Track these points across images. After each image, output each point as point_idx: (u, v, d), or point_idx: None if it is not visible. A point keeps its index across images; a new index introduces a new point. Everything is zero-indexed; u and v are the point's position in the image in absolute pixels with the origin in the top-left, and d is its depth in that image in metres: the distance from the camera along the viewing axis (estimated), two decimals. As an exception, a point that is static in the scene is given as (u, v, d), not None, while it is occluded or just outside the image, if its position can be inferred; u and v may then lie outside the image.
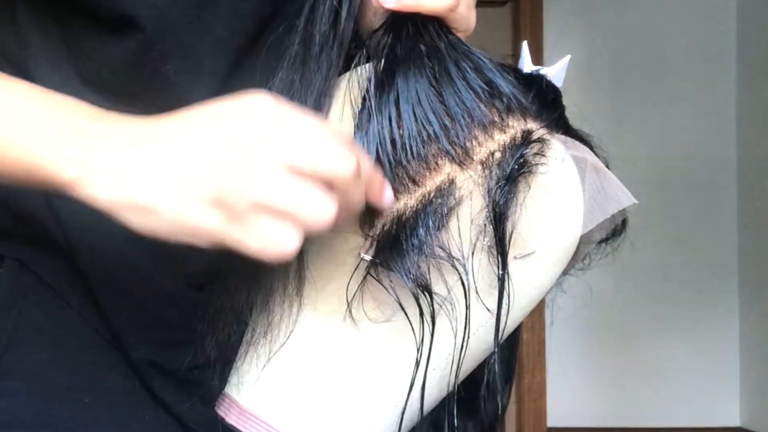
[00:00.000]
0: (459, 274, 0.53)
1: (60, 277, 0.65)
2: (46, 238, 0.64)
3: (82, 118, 0.49)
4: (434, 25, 0.56)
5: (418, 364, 0.54)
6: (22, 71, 0.62)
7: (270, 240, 0.47)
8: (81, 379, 0.64)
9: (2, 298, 0.64)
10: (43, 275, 0.65)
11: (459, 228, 0.53)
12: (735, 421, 2.91)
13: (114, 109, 0.50)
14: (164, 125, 0.48)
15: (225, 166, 0.46)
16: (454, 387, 0.56)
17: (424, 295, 0.52)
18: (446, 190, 0.53)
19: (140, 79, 0.62)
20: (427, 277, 0.52)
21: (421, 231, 0.52)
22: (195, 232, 0.47)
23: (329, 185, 0.47)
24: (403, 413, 0.55)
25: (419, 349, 0.54)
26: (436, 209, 0.53)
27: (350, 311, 0.54)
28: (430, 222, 0.53)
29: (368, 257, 0.53)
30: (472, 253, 0.53)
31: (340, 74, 0.59)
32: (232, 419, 0.56)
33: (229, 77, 0.64)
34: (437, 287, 0.53)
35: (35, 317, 0.64)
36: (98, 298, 0.64)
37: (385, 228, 0.53)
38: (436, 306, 0.53)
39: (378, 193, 0.51)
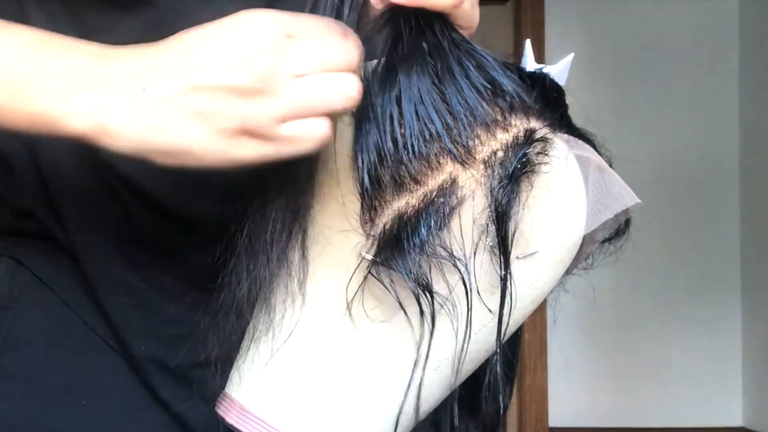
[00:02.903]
0: (461, 274, 0.53)
1: (57, 277, 0.64)
2: (44, 236, 0.64)
3: (87, 61, 0.49)
4: (437, 22, 0.56)
5: (416, 365, 0.54)
6: None
7: (302, 139, 0.49)
8: (78, 380, 0.64)
9: None
10: (40, 275, 0.64)
11: (461, 227, 0.53)
12: (737, 421, 2.91)
13: None
14: (168, 58, 0.48)
15: (239, 95, 0.47)
16: (455, 388, 0.55)
17: (425, 294, 0.52)
18: (448, 190, 0.53)
19: None
20: (429, 276, 0.52)
21: (423, 230, 0.52)
22: (231, 162, 0.49)
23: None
24: (399, 413, 0.55)
25: (419, 349, 0.53)
26: (438, 208, 0.52)
27: (350, 310, 0.54)
28: (432, 221, 0.52)
29: (369, 256, 0.53)
30: (474, 253, 0.53)
31: None
32: (231, 419, 0.56)
33: None
34: (438, 287, 0.53)
35: (32, 317, 0.64)
36: (99, 295, 0.64)
37: (387, 227, 0.53)
38: (437, 306, 0.53)
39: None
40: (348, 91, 0.49)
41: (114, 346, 0.65)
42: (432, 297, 0.52)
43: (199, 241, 0.62)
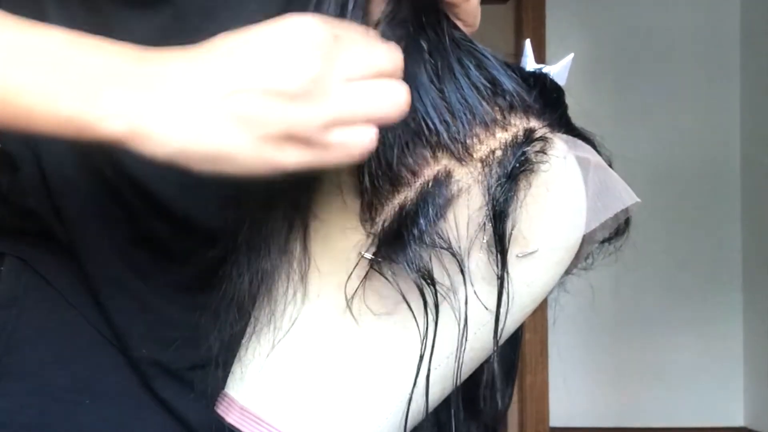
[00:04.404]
0: (459, 264, 0.53)
1: (61, 276, 0.64)
2: (48, 236, 0.64)
3: (122, 59, 0.46)
4: (439, 20, 0.56)
5: (421, 358, 0.54)
6: None
7: (348, 147, 0.47)
8: (82, 379, 0.64)
9: (2, 297, 0.63)
10: (45, 273, 0.64)
11: (457, 221, 0.53)
12: (739, 421, 2.90)
13: None
14: (209, 61, 0.46)
15: (286, 101, 0.45)
16: (457, 386, 0.55)
17: (428, 284, 0.52)
18: (443, 180, 0.53)
19: None
20: (430, 266, 0.52)
21: (422, 221, 0.52)
22: (274, 169, 0.47)
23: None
24: (407, 411, 0.55)
25: (423, 343, 0.53)
26: (435, 197, 0.52)
27: (350, 308, 0.54)
28: (430, 210, 0.52)
29: (369, 255, 0.53)
30: (471, 252, 0.53)
31: None
32: (232, 419, 0.56)
33: None
34: (440, 279, 0.53)
35: (36, 316, 0.64)
36: (100, 297, 0.64)
37: (386, 225, 0.53)
38: (439, 298, 0.53)
39: None
40: (397, 98, 0.48)
41: (117, 346, 0.65)
42: (435, 287, 0.52)
43: (201, 243, 0.62)
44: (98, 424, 0.64)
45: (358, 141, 0.47)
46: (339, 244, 0.55)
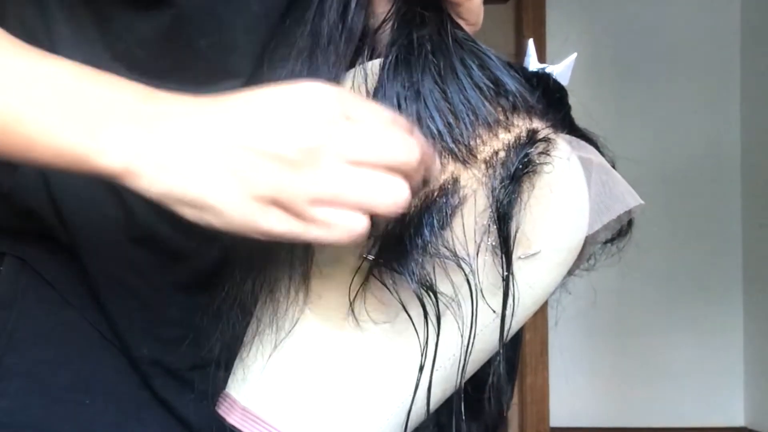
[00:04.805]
0: (465, 273, 0.52)
1: (61, 276, 0.64)
2: (48, 236, 0.64)
3: (128, 97, 0.46)
4: (441, 20, 0.56)
5: (421, 368, 0.53)
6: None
7: (333, 228, 0.46)
8: (82, 379, 0.64)
9: (3, 297, 0.63)
10: (45, 273, 0.64)
11: (463, 227, 0.53)
12: (739, 421, 2.91)
13: (143, 83, 0.47)
14: (215, 111, 0.46)
15: (281, 165, 0.45)
16: (459, 388, 0.55)
17: (429, 295, 0.52)
18: (450, 189, 0.53)
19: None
20: (432, 277, 0.52)
21: (426, 230, 0.52)
22: (256, 231, 0.46)
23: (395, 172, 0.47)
24: (408, 414, 0.55)
25: (423, 350, 0.53)
26: (440, 208, 0.52)
27: (352, 311, 0.54)
28: (435, 221, 0.52)
29: (371, 257, 0.53)
30: (477, 253, 0.53)
31: (348, 68, 0.58)
32: (233, 419, 0.56)
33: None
34: (442, 287, 0.53)
35: (36, 316, 0.63)
36: (100, 297, 0.64)
37: (389, 228, 0.53)
38: (441, 306, 0.53)
39: (431, 167, 0.50)
40: (396, 197, 0.46)
41: (117, 346, 0.65)
42: (436, 297, 0.52)
43: (201, 243, 0.62)
44: (98, 424, 0.64)
45: (345, 225, 0.46)
46: (341, 247, 0.55)
